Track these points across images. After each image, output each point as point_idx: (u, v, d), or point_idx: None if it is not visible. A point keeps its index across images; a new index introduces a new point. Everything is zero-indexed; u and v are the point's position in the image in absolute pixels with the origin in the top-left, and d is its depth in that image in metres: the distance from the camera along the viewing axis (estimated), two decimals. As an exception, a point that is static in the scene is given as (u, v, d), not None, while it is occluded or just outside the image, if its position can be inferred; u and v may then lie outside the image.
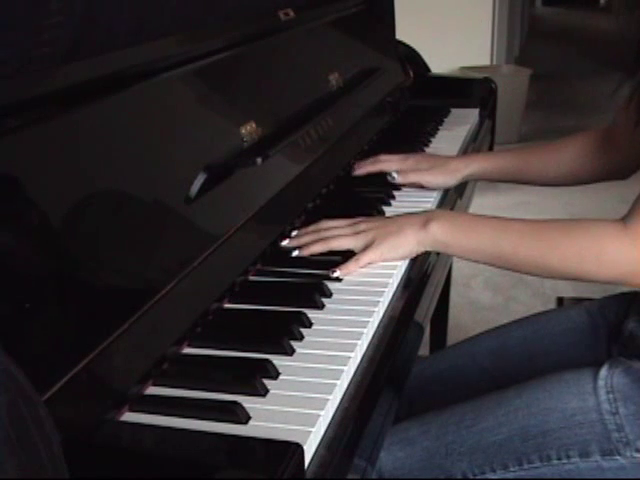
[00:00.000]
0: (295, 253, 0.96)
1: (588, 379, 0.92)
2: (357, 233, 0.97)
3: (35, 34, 0.70)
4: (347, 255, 0.95)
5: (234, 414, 0.64)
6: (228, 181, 0.90)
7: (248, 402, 0.66)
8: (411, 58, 1.84)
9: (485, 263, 0.96)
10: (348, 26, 1.55)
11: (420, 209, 1.15)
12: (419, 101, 1.79)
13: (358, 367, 0.75)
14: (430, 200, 1.20)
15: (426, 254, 1.00)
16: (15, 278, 0.59)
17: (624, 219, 0.89)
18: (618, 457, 0.87)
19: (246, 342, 0.77)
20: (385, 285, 0.90)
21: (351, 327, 0.80)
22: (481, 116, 1.74)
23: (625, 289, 1.09)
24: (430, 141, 1.53)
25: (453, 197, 1.26)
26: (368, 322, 0.81)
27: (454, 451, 0.92)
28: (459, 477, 0.91)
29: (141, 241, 0.74)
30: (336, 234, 0.98)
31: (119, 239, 0.72)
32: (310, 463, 0.62)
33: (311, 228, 1.01)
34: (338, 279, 0.91)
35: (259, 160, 0.91)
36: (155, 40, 0.87)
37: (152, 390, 0.69)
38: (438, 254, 1.04)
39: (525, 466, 0.90)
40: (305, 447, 0.60)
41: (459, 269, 2.45)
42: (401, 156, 1.28)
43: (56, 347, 0.60)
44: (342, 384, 0.71)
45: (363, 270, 0.93)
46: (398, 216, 1.01)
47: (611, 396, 0.89)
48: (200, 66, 0.95)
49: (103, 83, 0.76)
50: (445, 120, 1.69)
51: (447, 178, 1.24)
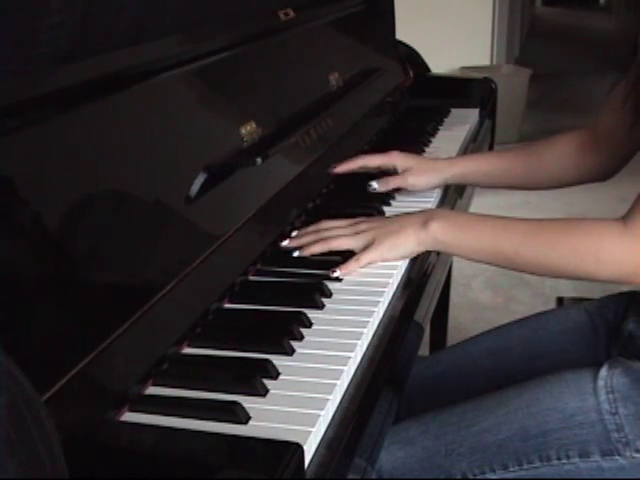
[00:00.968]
0: (296, 254, 0.96)
1: (588, 379, 0.92)
2: (357, 233, 0.97)
3: (35, 34, 0.70)
4: (347, 255, 0.95)
5: (234, 414, 0.64)
6: (228, 181, 0.90)
7: (248, 402, 0.66)
8: (411, 58, 1.84)
9: (486, 262, 0.96)
10: (348, 26, 1.55)
11: (420, 209, 1.16)
12: (419, 101, 1.79)
13: (358, 367, 0.75)
14: (430, 200, 1.20)
15: (426, 254, 1.00)
16: (15, 278, 0.59)
17: (624, 218, 0.89)
18: (618, 457, 0.87)
19: (246, 342, 0.77)
20: (385, 285, 0.90)
21: (351, 327, 0.80)
22: (481, 116, 1.74)
23: (625, 288, 1.09)
24: (430, 141, 1.53)
25: (453, 197, 1.26)
26: (368, 322, 0.81)
27: (454, 451, 0.92)
28: (459, 477, 0.91)
29: (141, 241, 0.74)
30: (336, 234, 0.98)
31: (119, 239, 0.72)
32: (310, 463, 0.62)
33: (311, 228, 1.01)
34: (338, 279, 0.91)
35: (259, 160, 0.91)
36: (155, 40, 0.87)
37: (152, 390, 0.69)
38: (438, 254, 1.04)
39: (525, 466, 0.90)
40: (305, 447, 0.60)
41: (459, 269, 2.45)
42: (382, 153, 1.22)
43: (56, 347, 0.60)
44: (342, 384, 0.71)
45: (363, 270, 0.94)
46: (398, 216, 1.01)
47: (611, 396, 0.89)
48: (200, 66, 0.95)
49: (103, 83, 0.76)
50: (445, 120, 1.69)
51: (430, 178, 1.20)
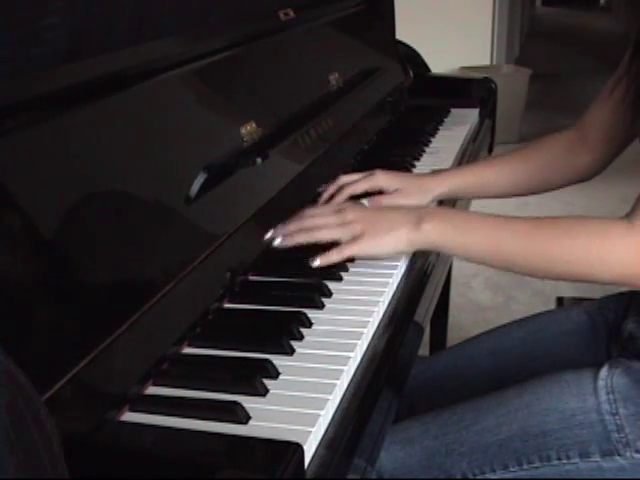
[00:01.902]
0: (277, 241, 0.93)
1: (588, 379, 0.92)
2: (344, 223, 0.93)
3: (35, 34, 0.70)
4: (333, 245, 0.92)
5: (234, 414, 0.64)
6: (228, 181, 0.90)
7: (248, 402, 0.66)
8: (411, 58, 1.84)
9: (482, 263, 0.93)
10: (348, 26, 1.55)
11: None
12: (419, 101, 1.79)
13: (358, 367, 0.75)
14: (431, 199, 1.20)
15: (426, 254, 1.00)
16: (15, 278, 0.59)
17: (628, 217, 0.86)
18: (618, 457, 0.87)
19: (246, 342, 0.77)
20: (385, 285, 0.90)
21: (351, 327, 0.80)
22: (481, 116, 1.74)
23: (625, 288, 1.09)
24: (430, 141, 1.53)
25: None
26: (368, 322, 0.81)
27: (454, 451, 0.92)
28: (459, 477, 0.91)
29: (141, 241, 0.74)
30: (321, 223, 0.94)
31: (119, 239, 0.72)
32: (310, 463, 0.62)
33: (295, 217, 0.97)
34: (339, 278, 0.90)
35: (259, 160, 0.91)
36: (155, 40, 0.87)
37: (152, 390, 0.69)
38: (438, 254, 1.04)
39: (525, 466, 0.90)
40: (305, 447, 0.60)
41: (459, 269, 2.45)
42: (366, 175, 1.14)
43: (56, 347, 0.60)
44: (342, 384, 0.71)
45: (363, 270, 0.93)
46: (390, 209, 0.97)
47: (611, 396, 0.89)
48: (200, 66, 0.95)
49: (103, 83, 0.76)
50: (445, 120, 1.69)
51: (421, 198, 1.15)
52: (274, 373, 0.71)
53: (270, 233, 0.95)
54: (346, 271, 0.93)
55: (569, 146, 1.18)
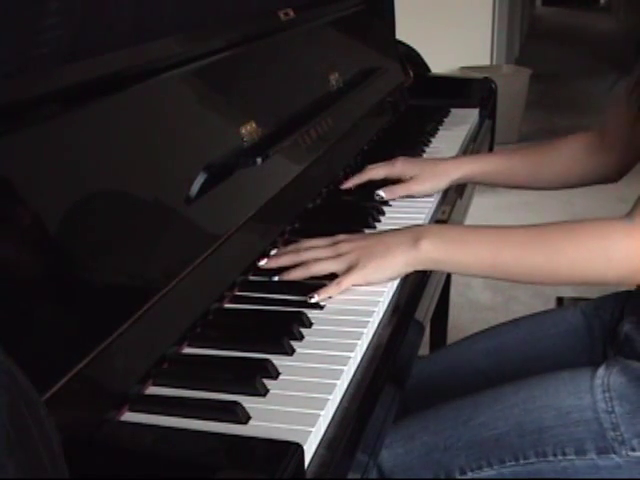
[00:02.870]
0: (275, 278, 0.90)
1: (585, 377, 0.92)
2: (340, 255, 0.90)
3: (35, 34, 0.70)
4: (331, 277, 0.89)
5: (234, 414, 0.64)
6: (228, 181, 0.90)
7: (248, 402, 0.66)
8: (411, 58, 1.84)
9: (484, 277, 0.93)
10: (348, 26, 1.55)
11: (422, 208, 1.16)
12: (419, 101, 1.79)
13: (358, 367, 0.75)
14: (431, 200, 1.20)
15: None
16: (15, 278, 0.59)
17: (629, 215, 0.86)
18: (614, 455, 0.87)
19: (246, 342, 0.77)
20: (385, 285, 0.90)
21: (351, 327, 0.80)
22: (481, 116, 1.75)
23: (622, 288, 1.09)
24: (430, 141, 1.53)
25: (453, 197, 1.26)
26: (368, 322, 0.81)
27: (452, 446, 0.92)
28: (457, 472, 0.91)
29: (141, 241, 0.74)
30: (316, 256, 0.91)
31: (119, 239, 0.72)
32: (310, 463, 0.62)
33: (290, 248, 0.95)
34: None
35: (259, 160, 0.91)
36: (155, 40, 0.87)
37: (152, 390, 0.69)
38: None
39: (521, 461, 0.90)
40: (305, 447, 0.60)
41: (459, 269, 2.45)
42: (387, 162, 1.22)
43: (56, 347, 0.60)
44: (342, 384, 0.71)
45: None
46: (384, 233, 0.95)
47: (607, 395, 0.89)
48: (200, 66, 0.95)
49: (103, 83, 0.76)
50: (445, 120, 1.69)
51: (435, 183, 1.19)
52: (274, 373, 0.71)
53: (265, 261, 0.93)
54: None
55: (588, 146, 1.18)
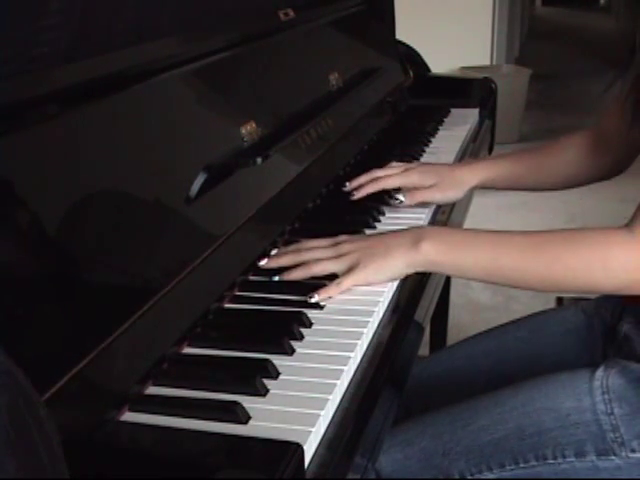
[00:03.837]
0: (276, 279, 0.90)
1: (584, 379, 0.92)
2: (340, 255, 0.90)
3: (35, 34, 0.70)
4: (331, 277, 0.89)
5: (234, 414, 0.64)
6: (228, 181, 0.90)
7: (248, 402, 0.66)
8: (411, 58, 1.84)
9: (483, 281, 0.92)
10: (348, 26, 1.55)
11: (422, 207, 1.16)
12: (419, 101, 1.79)
13: (358, 367, 0.75)
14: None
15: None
16: (15, 278, 0.59)
17: (629, 225, 0.85)
18: (613, 457, 0.87)
19: (246, 342, 0.77)
20: (385, 285, 0.90)
21: (351, 327, 0.80)
22: (481, 116, 1.74)
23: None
24: (430, 141, 1.53)
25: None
26: (368, 322, 0.81)
27: (451, 450, 0.92)
28: (457, 477, 0.91)
29: (141, 241, 0.74)
30: (317, 256, 0.91)
31: (119, 239, 0.72)
32: (310, 463, 0.62)
33: (291, 248, 0.95)
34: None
35: (259, 160, 0.91)
36: (155, 40, 0.87)
37: (152, 390, 0.69)
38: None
39: (522, 465, 0.90)
40: (305, 447, 0.60)
41: (459, 269, 2.45)
42: (400, 169, 1.18)
43: (56, 347, 0.60)
44: (342, 384, 0.71)
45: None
46: (385, 234, 0.95)
47: (606, 397, 0.89)
48: (200, 66, 0.95)
49: (103, 83, 0.76)
50: (445, 120, 1.69)
51: (456, 192, 1.18)
52: (274, 373, 0.71)
53: (265, 261, 0.93)
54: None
55: (591, 145, 1.18)
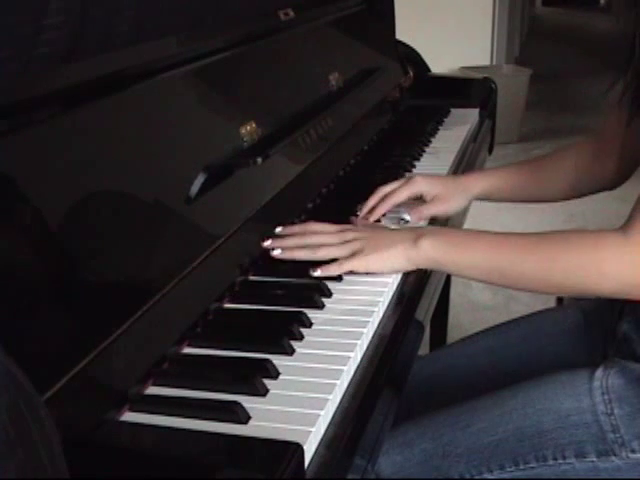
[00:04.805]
0: (276, 252, 0.93)
1: (583, 380, 0.92)
2: (345, 242, 0.93)
3: (35, 34, 0.70)
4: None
5: (234, 414, 0.64)
6: (228, 181, 0.90)
7: (248, 402, 0.66)
8: (411, 58, 1.84)
9: (481, 280, 0.93)
10: (348, 26, 1.55)
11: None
12: (419, 101, 1.79)
13: (358, 367, 0.75)
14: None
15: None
16: (15, 278, 0.59)
17: (624, 228, 0.85)
18: (614, 458, 0.87)
19: (246, 342, 0.77)
20: (385, 285, 0.90)
21: (351, 327, 0.80)
22: (481, 116, 1.74)
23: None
24: (430, 141, 1.53)
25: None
26: (368, 322, 0.81)
27: (451, 452, 0.92)
28: (457, 478, 0.91)
29: (141, 241, 0.74)
30: (322, 241, 0.93)
31: (119, 239, 0.72)
32: (310, 463, 0.62)
33: (297, 229, 0.97)
34: (339, 278, 0.90)
35: (259, 160, 0.91)
36: (155, 40, 0.87)
37: (152, 390, 0.69)
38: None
39: (521, 466, 0.90)
40: (305, 447, 0.60)
41: (459, 269, 2.44)
42: (403, 180, 1.16)
43: (56, 347, 0.60)
44: (342, 384, 0.71)
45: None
46: (389, 229, 0.97)
47: (606, 397, 0.89)
48: (200, 66, 0.95)
49: (103, 83, 0.76)
50: (445, 120, 1.69)
51: (459, 202, 1.18)
52: (274, 373, 0.71)
53: (269, 242, 0.95)
54: (346, 271, 0.93)
55: (594, 153, 1.17)
